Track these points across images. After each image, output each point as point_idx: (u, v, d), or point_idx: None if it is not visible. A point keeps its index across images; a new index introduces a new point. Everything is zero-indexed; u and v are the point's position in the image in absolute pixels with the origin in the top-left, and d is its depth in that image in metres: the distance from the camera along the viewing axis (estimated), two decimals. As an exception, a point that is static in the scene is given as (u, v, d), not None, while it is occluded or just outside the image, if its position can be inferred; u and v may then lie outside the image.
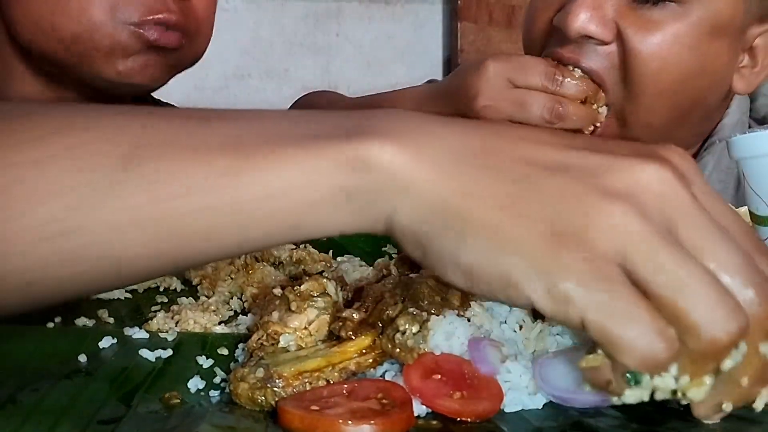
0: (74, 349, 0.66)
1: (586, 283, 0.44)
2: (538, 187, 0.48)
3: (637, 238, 0.45)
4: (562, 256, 0.45)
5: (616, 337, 0.44)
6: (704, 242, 0.46)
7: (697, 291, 0.44)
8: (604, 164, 0.47)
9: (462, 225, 0.48)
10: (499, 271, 0.47)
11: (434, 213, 0.49)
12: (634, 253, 0.45)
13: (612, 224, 0.45)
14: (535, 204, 0.47)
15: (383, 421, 0.53)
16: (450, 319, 0.62)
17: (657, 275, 0.44)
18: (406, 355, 0.60)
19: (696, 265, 0.45)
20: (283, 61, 2.31)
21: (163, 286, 0.83)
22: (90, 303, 0.78)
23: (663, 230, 0.45)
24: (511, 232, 0.47)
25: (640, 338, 0.44)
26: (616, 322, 0.44)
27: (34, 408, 0.55)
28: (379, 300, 0.65)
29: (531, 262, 0.46)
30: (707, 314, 0.44)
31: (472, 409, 0.57)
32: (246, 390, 0.58)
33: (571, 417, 0.57)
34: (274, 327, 0.64)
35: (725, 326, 0.44)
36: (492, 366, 0.60)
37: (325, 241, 1.00)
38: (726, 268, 0.46)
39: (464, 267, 0.49)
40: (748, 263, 0.46)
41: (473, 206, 0.48)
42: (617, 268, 0.45)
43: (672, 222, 0.46)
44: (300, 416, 0.54)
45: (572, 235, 0.45)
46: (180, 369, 0.64)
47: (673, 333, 0.44)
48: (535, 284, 0.46)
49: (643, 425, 0.55)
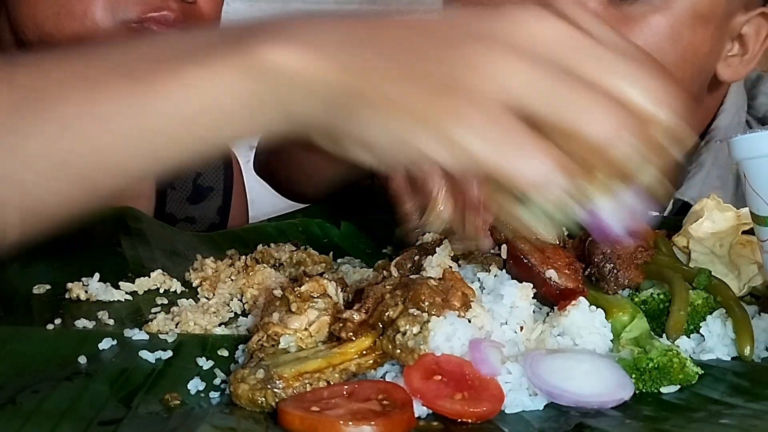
0: (74, 350, 0.65)
1: (473, 126, 0.47)
2: (421, 51, 0.50)
3: (523, 78, 0.47)
4: (447, 105, 0.47)
5: (508, 167, 0.48)
6: (599, 66, 0.49)
7: (591, 109, 0.47)
8: (484, 16, 0.50)
9: (354, 102, 0.49)
10: (393, 136, 0.49)
11: (327, 98, 0.50)
12: (525, 94, 0.47)
13: (494, 66, 0.48)
14: (419, 66, 0.49)
15: (384, 422, 0.53)
16: (450, 320, 0.62)
17: (548, 109, 0.48)
18: (407, 356, 0.60)
19: (589, 89, 0.48)
20: (283, 63, 2.31)
21: (163, 288, 0.83)
22: (90, 305, 0.78)
23: (549, 66, 0.48)
24: (398, 97, 0.48)
25: (529, 164, 0.47)
26: (506, 155, 0.47)
27: (35, 410, 0.55)
28: (380, 301, 0.65)
29: (419, 117, 0.48)
30: (591, 120, 0.48)
31: (472, 410, 0.57)
32: (246, 391, 0.58)
33: (572, 418, 0.57)
34: (274, 328, 0.64)
35: (604, 125, 0.48)
36: (493, 367, 0.60)
37: (325, 242, 1.00)
38: (625, 79, 0.48)
39: (364, 142, 0.50)
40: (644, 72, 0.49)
41: (360, 82, 0.49)
42: (502, 106, 0.47)
43: (562, 57, 0.48)
44: (300, 417, 0.54)
45: (456, 85, 0.48)
46: (180, 370, 0.64)
47: (559, 153, 0.48)
48: (426, 138, 0.48)
49: (644, 424, 0.55)
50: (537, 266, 0.70)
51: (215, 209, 1.24)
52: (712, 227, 0.77)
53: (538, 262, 0.70)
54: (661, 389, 0.61)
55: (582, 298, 0.67)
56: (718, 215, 0.78)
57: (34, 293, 0.79)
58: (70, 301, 0.78)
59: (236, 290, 0.83)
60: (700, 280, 0.70)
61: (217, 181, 1.25)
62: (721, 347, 0.67)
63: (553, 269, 0.69)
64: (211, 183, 1.25)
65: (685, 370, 0.62)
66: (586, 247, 0.74)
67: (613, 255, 0.72)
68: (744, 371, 0.64)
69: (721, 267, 0.75)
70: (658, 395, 0.61)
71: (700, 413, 0.56)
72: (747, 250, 0.75)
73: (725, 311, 0.69)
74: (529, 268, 0.70)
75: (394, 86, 0.49)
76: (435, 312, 0.62)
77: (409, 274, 0.76)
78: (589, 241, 0.74)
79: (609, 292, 0.72)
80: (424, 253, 0.78)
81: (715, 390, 0.61)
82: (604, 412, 0.58)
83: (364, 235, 1.03)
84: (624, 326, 0.67)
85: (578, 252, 0.76)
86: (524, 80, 0.47)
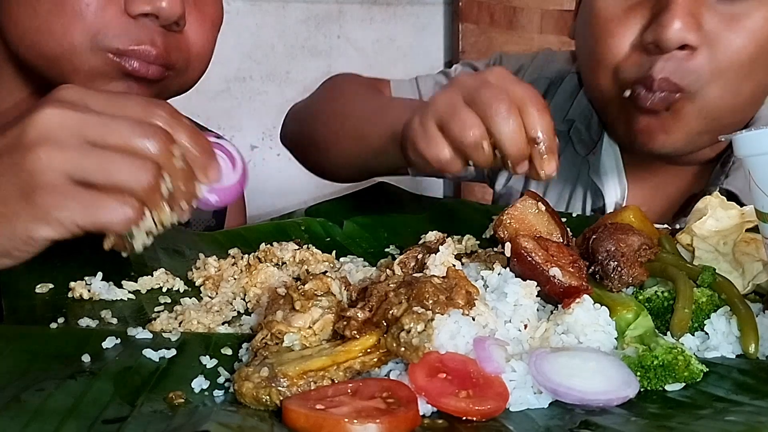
0: (78, 349, 0.65)
1: (53, 206, 0.62)
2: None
3: (61, 158, 0.62)
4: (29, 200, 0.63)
5: (99, 221, 0.63)
6: (111, 132, 0.63)
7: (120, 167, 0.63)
8: (13, 134, 0.63)
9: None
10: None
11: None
12: (71, 168, 0.62)
13: (39, 161, 0.62)
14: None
15: (389, 420, 0.53)
16: (455, 318, 0.62)
17: (94, 171, 0.62)
18: (411, 353, 0.59)
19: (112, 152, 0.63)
20: (285, 63, 2.31)
21: (166, 287, 0.83)
22: (93, 304, 0.77)
23: (77, 144, 0.63)
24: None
25: (112, 212, 0.63)
26: (91, 213, 0.63)
27: (40, 408, 0.55)
28: (384, 299, 0.65)
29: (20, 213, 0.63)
30: (125, 175, 0.64)
31: (477, 408, 0.57)
32: (250, 389, 0.58)
33: (577, 416, 0.57)
34: (278, 326, 0.64)
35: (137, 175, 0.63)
36: (497, 365, 0.60)
37: (328, 241, 1.00)
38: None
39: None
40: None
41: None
42: (64, 182, 0.62)
43: (85, 134, 0.62)
44: (305, 415, 0.54)
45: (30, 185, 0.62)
46: (184, 369, 0.64)
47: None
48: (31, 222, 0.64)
49: (649, 421, 0.55)
50: (541, 264, 0.70)
51: (210, 212, 1.22)
52: (716, 225, 0.77)
53: (542, 260, 0.70)
54: (666, 387, 0.61)
55: (586, 296, 0.67)
56: (722, 213, 0.78)
57: (37, 292, 0.79)
58: (73, 300, 0.78)
59: (239, 289, 0.83)
60: (705, 277, 0.70)
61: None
62: (725, 345, 0.67)
63: (557, 267, 0.69)
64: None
65: (690, 368, 0.62)
66: (590, 245, 0.74)
67: (617, 253, 0.72)
68: (749, 369, 0.64)
69: (725, 265, 0.75)
70: (663, 393, 0.61)
71: (705, 410, 0.56)
72: (751, 248, 0.75)
73: (730, 309, 0.69)
74: (533, 266, 0.70)
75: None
76: (439, 310, 0.62)
77: (412, 273, 0.76)
78: (593, 239, 0.74)
79: (613, 290, 0.72)
80: (427, 252, 0.78)
81: (720, 387, 0.61)
82: (610, 410, 0.57)
83: (366, 234, 1.03)
84: (628, 324, 0.67)
85: (582, 250, 0.76)
86: (62, 159, 0.62)
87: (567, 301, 0.67)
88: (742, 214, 0.77)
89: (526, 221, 0.80)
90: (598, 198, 1.20)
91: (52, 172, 0.62)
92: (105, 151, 0.63)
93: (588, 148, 1.22)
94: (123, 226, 0.64)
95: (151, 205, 0.65)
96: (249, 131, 2.28)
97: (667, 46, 0.97)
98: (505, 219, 0.80)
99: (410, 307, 0.62)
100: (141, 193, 0.63)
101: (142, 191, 0.63)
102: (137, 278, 0.83)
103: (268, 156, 2.28)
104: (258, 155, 2.27)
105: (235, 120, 2.25)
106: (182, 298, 0.80)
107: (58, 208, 0.62)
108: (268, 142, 2.29)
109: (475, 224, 0.96)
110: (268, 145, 2.29)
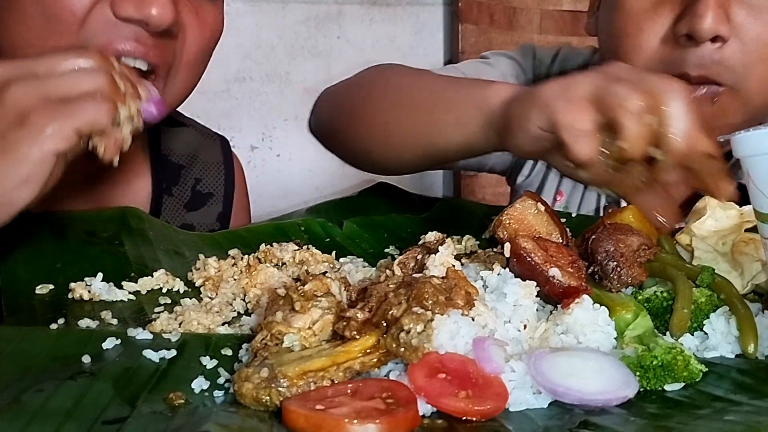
0: (78, 350, 0.65)
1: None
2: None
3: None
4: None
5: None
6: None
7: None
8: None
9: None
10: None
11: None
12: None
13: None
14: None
15: (388, 421, 0.53)
16: (454, 319, 0.62)
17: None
18: (411, 354, 0.59)
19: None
20: (284, 63, 2.30)
21: (166, 288, 0.83)
22: (93, 304, 0.78)
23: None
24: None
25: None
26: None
27: (39, 409, 0.55)
28: (383, 300, 0.65)
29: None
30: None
31: (477, 408, 0.57)
32: (250, 390, 0.58)
33: (576, 416, 0.57)
34: (278, 327, 0.64)
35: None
36: (496, 365, 0.60)
37: (327, 242, 1.00)
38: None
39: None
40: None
41: None
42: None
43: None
44: (305, 416, 0.54)
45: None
46: (184, 370, 0.64)
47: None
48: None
49: (648, 421, 0.55)
50: (540, 264, 0.70)
51: (215, 216, 1.22)
52: (715, 225, 0.77)
53: (542, 261, 0.70)
54: (665, 387, 0.61)
55: (585, 296, 0.67)
56: (721, 213, 0.78)
57: (37, 293, 0.79)
58: (74, 301, 0.78)
59: (239, 290, 0.83)
60: (704, 277, 0.70)
61: (218, 187, 1.23)
62: (724, 345, 0.67)
63: (556, 267, 0.69)
64: (211, 189, 1.23)
65: (689, 368, 0.62)
66: (589, 246, 0.74)
67: (616, 253, 0.72)
68: (748, 368, 0.64)
69: (724, 265, 0.75)
70: (662, 393, 0.61)
71: (704, 410, 0.57)
72: (750, 248, 0.75)
73: (729, 309, 0.69)
74: (533, 266, 0.70)
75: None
76: (438, 310, 0.62)
77: (412, 273, 0.76)
78: (592, 240, 0.74)
79: (612, 290, 0.72)
80: (427, 252, 0.78)
81: (719, 387, 0.61)
82: (609, 410, 0.57)
83: (366, 234, 1.03)
84: (627, 324, 0.67)
85: (581, 250, 0.76)
86: (33, 87, 0.73)
87: (566, 301, 0.67)
88: (741, 215, 0.78)
89: (526, 221, 0.80)
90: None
91: (30, 98, 0.72)
92: (63, 74, 0.74)
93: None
94: (107, 118, 0.73)
95: (118, 99, 0.75)
96: (249, 132, 2.28)
97: (702, 36, 0.97)
98: (504, 219, 0.80)
99: (410, 308, 0.62)
100: (106, 92, 0.74)
101: (107, 89, 0.74)
102: (137, 279, 0.83)
103: (268, 157, 2.27)
104: (258, 156, 2.27)
105: (235, 120, 2.24)
106: (182, 299, 0.80)
107: (52, 121, 0.71)
108: (268, 143, 2.29)
109: (475, 224, 0.97)
110: (268, 145, 2.29)
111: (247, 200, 1.33)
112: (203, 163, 1.23)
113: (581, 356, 0.62)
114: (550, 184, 1.26)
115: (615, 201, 1.07)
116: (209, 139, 1.26)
